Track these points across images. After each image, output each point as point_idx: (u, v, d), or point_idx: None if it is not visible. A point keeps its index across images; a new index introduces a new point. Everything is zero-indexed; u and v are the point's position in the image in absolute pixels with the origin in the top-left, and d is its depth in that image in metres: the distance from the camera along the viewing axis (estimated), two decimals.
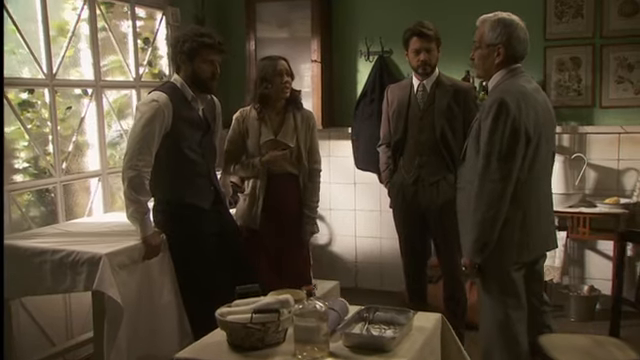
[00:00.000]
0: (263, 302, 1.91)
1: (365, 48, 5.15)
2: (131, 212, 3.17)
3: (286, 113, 3.63)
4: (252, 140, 3.60)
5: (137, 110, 3.23)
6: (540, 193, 2.82)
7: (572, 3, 4.61)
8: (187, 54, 3.25)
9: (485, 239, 2.70)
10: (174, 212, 3.32)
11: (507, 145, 2.64)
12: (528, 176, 2.71)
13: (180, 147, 3.28)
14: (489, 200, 2.67)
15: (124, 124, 4.49)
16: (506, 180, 2.65)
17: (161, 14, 4.79)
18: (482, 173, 2.69)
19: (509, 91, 2.71)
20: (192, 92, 3.31)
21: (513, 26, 2.78)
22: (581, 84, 4.66)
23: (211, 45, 3.26)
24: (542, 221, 2.84)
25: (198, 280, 3.32)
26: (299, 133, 3.61)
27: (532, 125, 2.67)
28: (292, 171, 3.63)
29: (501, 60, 2.78)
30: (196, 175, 3.36)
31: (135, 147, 3.15)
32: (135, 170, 3.13)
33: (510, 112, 2.63)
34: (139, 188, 3.15)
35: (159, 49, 4.83)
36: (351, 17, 5.21)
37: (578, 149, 4.66)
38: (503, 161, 2.64)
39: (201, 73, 3.27)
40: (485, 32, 2.80)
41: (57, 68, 3.91)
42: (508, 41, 2.76)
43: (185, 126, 3.28)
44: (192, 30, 3.28)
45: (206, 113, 3.44)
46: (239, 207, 3.72)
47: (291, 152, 3.59)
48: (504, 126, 2.63)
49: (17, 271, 3.16)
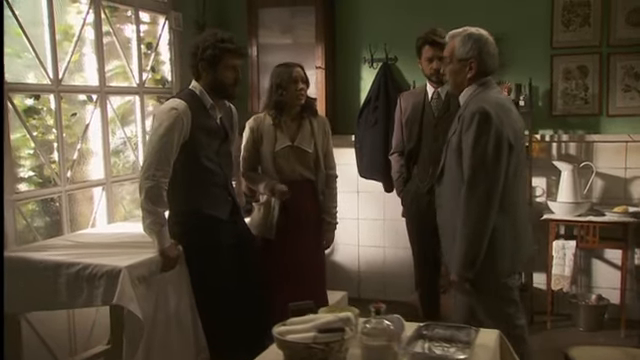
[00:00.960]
0: (324, 321, 1.82)
1: (369, 55, 5.10)
2: (148, 224, 3.06)
3: (302, 119, 3.59)
4: (267, 147, 3.53)
5: (155, 118, 3.12)
6: (521, 199, 2.90)
7: (579, 11, 4.61)
8: (208, 61, 3.15)
9: (475, 251, 2.68)
10: (191, 223, 3.22)
11: (492, 154, 2.64)
12: (512, 182, 2.72)
13: (198, 156, 3.18)
14: (478, 211, 2.65)
15: (127, 131, 4.36)
16: (493, 190, 2.65)
17: (164, 19, 4.68)
18: (469, 185, 2.67)
19: (488, 101, 2.72)
20: (211, 100, 3.21)
21: (483, 40, 2.80)
22: (588, 92, 4.66)
23: (233, 50, 3.17)
24: (525, 227, 2.89)
25: (215, 293, 3.22)
26: (316, 138, 3.57)
27: (512, 133, 2.69)
28: (309, 177, 3.58)
29: (473, 74, 2.80)
30: (214, 185, 3.26)
31: (153, 157, 3.04)
32: (153, 180, 3.03)
33: (492, 121, 2.64)
34: (157, 199, 3.04)
35: (161, 54, 4.71)
36: (354, 23, 5.16)
37: (585, 158, 4.65)
38: (490, 171, 2.64)
39: (224, 79, 3.18)
40: (456, 47, 2.82)
41: (63, 73, 3.78)
42: (479, 55, 2.78)
43: (203, 135, 3.18)
44: (212, 36, 3.19)
45: (224, 121, 3.34)
46: (254, 217, 3.63)
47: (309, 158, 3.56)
48: (487, 136, 2.64)
49: (30, 285, 3.03)
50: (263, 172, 3.57)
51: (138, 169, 4.39)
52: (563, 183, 4.50)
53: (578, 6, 4.61)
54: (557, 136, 4.75)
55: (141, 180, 3.06)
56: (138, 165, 4.43)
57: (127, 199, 4.44)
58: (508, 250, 2.74)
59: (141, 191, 3.05)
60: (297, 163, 3.55)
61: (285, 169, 3.54)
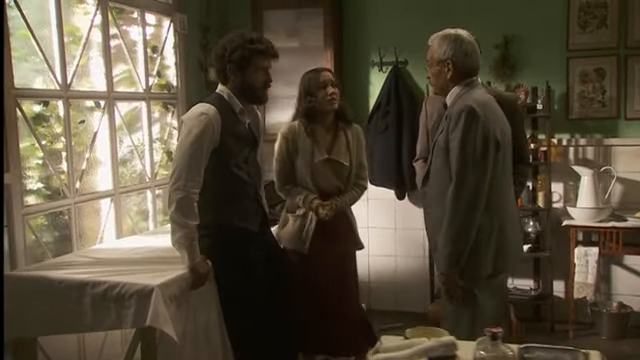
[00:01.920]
0: (428, 347, 1.65)
1: (378, 58, 4.95)
2: (178, 238, 2.85)
3: (337, 130, 3.43)
4: (304, 160, 3.36)
5: (184, 125, 2.92)
6: (509, 201, 2.81)
7: (596, 13, 4.53)
8: (237, 63, 2.96)
9: (461, 249, 2.65)
10: (221, 237, 3.02)
11: (480, 151, 2.61)
12: (499, 183, 2.69)
13: (228, 165, 2.99)
14: (465, 210, 2.62)
15: (134, 139, 4.14)
16: (480, 188, 2.62)
17: (169, 21, 4.47)
18: (456, 183, 2.64)
19: (474, 100, 2.69)
20: (240, 104, 3.02)
21: (458, 40, 2.76)
22: (605, 95, 4.58)
23: (264, 51, 2.99)
24: (514, 231, 2.81)
25: (245, 308, 3.03)
26: (352, 150, 3.41)
27: (499, 131, 2.67)
28: (341, 187, 3.43)
29: (452, 75, 2.76)
30: (244, 195, 3.07)
31: (183, 166, 2.84)
32: (184, 191, 2.83)
33: (479, 118, 2.62)
34: (188, 211, 2.84)
35: (167, 58, 4.50)
36: (363, 26, 5.01)
37: (603, 162, 4.57)
38: (478, 168, 2.61)
39: (253, 82, 3.00)
40: (434, 49, 2.81)
41: (71, 78, 3.55)
42: (455, 56, 2.74)
43: (233, 141, 2.99)
44: (240, 37, 2.99)
45: (252, 127, 3.16)
46: (287, 229, 3.44)
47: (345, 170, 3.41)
48: (475, 132, 2.62)
49: (50, 307, 2.80)
50: (299, 184, 3.40)
51: (145, 179, 4.18)
52: (583, 188, 4.40)
53: (595, 7, 4.53)
54: (574, 140, 4.66)
55: (171, 191, 2.85)
56: (145, 175, 4.22)
57: (134, 211, 4.20)
58: (492, 250, 2.69)
59: (171, 203, 2.85)
60: (334, 176, 3.40)
61: (321, 182, 3.38)
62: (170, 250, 3.22)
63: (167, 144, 4.48)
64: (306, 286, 3.32)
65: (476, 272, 2.71)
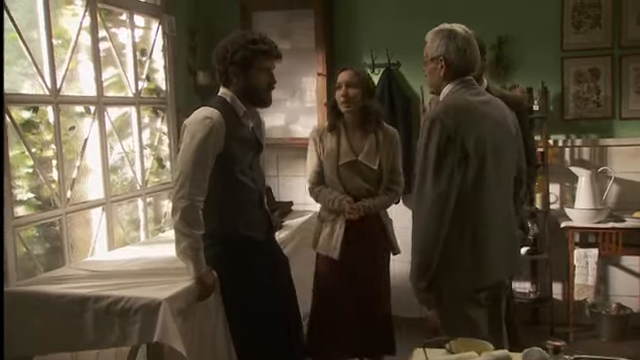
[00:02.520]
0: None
1: (370, 60, 4.86)
2: (183, 248, 2.72)
3: (367, 131, 3.35)
4: (329, 160, 3.33)
5: (187, 130, 2.79)
6: (493, 215, 2.61)
7: (590, 13, 4.51)
8: (240, 65, 2.84)
9: (427, 261, 2.51)
10: (227, 246, 2.89)
11: (439, 162, 2.46)
12: (473, 196, 2.52)
13: (232, 171, 2.87)
14: (427, 221, 2.48)
15: (125, 145, 3.98)
16: (444, 199, 2.46)
17: (157, 23, 4.32)
18: (417, 194, 2.52)
19: (447, 106, 2.55)
20: (244, 107, 2.91)
21: (451, 36, 2.61)
22: (600, 95, 4.56)
23: (267, 52, 2.88)
24: (499, 246, 2.63)
25: (252, 319, 2.91)
26: (381, 153, 3.33)
27: (472, 140, 2.49)
28: (372, 190, 3.36)
29: (444, 72, 2.61)
30: (249, 203, 2.95)
31: (188, 173, 2.71)
32: (189, 200, 2.70)
33: (444, 127, 2.46)
34: (193, 220, 2.72)
35: (155, 62, 4.35)
36: (354, 27, 4.92)
37: (599, 162, 4.54)
38: (437, 180, 2.46)
39: (257, 84, 2.88)
40: (429, 45, 2.67)
41: (61, 83, 3.39)
42: (447, 52, 2.59)
43: (237, 146, 2.87)
44: (242, 37, 2.88)
45: (255, 130, 3.04)
46: (318, 233, 3.44)
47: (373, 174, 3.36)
48: (437, 142, 2.46)
49: (49, 323, 2.65)
50: (329, 186, 3.37)
51: (136, 187, 4.03)
52: (581, 189, 4.36)
53: (589, 7, 4.50)
54: (570, 141, 4.62)
55: (175, 199, 2.72)
56: (137, 182, 4.07)
57: (125, 220, 4.04)
58: (466, 268, 2.55)
59: (175, 212, 2.72)
60: (361, 179, 3.33)
61: (348, 185, 3.33)
62: (170, 260, 3.12)
63: (157, 150, 4.34)
64: (334, 291, 3.35)
65: (455, 288, 2.58)
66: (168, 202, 4.43)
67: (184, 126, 2.85)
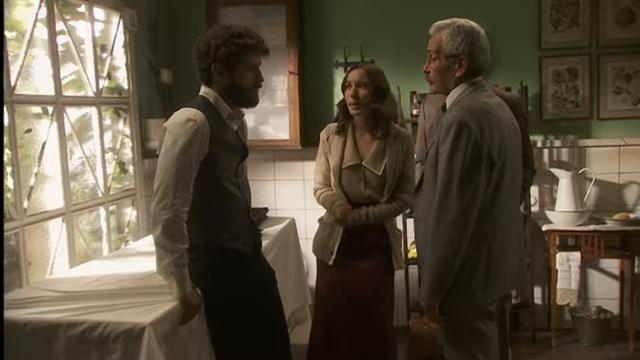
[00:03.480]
0: None
1: (343, 58, 4.64)
2: (166, 265, 2.45)
3: (376, 135, 3.12)
4: (333, 162, 3.13)
5: (168, 133, 2.51)
6: (506, 225, 2.48)
7: (567, 11, 4.42)
8: (224, 61, 2.58)
9: (443, 278, 2.38)
10: (211, 261, 2.63)
11: (468, 172, 2.31)
12: (491, 206, 2.38)
13: (217, 178, 2.61)
14: (449, 236, 2.32)
15: (86, 149, 3.64)
16: (468, 212, 2.31)
17: (118, 17, 3.99)
18: (440, 205, 2.35)
19: (470, 109, 2.38)
20: (228, 108, 2.65)
21: (475, 34, 2.46)
22: (578, 95, 4.48)
23: (254, 47, 2.62)
24: (510, 257, 2.50)
25: (238, 341, 2.66)
26: (389, 159, 3.09)
27: (496, 147, 2.35)
28: (375, 197, 3.11)
29: (463, 73, 2.46)
30: (236, 213, 2.69)
31: (170, 181, 2.44)
32: (172, 211, 2.43)
33: (472, 133, 2.31)
34: (177, 234, 2.45)
35: (116, 58, 4.02)
36: (326, 24, 4.70)
37: (578, 164, 4.46)
38: (464, 190, 2.30)
39: (243, 82, 2.62)
40: (443, 41, 2.46)
41: (15, 80, 3.05)
42: (470, 51, 2.43)
43: (222, 152, 2.61)
44: (227, 31, 2.60)
45: (239, 133, 2.79)
46: (316, 238, 3.26)
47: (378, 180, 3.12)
48: (465, 150, 2.30)
49: (12, 356, 2.31)
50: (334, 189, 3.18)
51: (98, 194, 3.71)
52: (562, 192, 4.26)
53: (566, 5, 4.42)
54: (549, 142, 4.52)
55: (156, 211, 2.44)
56: (98, 190, 3.73)
57: (87, 230, 3.71)
58: (478, 282, 2.41)
59: (156, 225, 2.44)
60: (364, 185, 3.10)
61: (349, 190, 3.12)
62: (144, 277, 2.84)
63: (119, 154, 4.00)
64: (325, 298, 3.18)
65: (470, 303, 2.44)
66: (132, 210, 4.12)
67: (164, 129, 2.56)
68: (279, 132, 4.61)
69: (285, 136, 4.59)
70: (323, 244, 3.19)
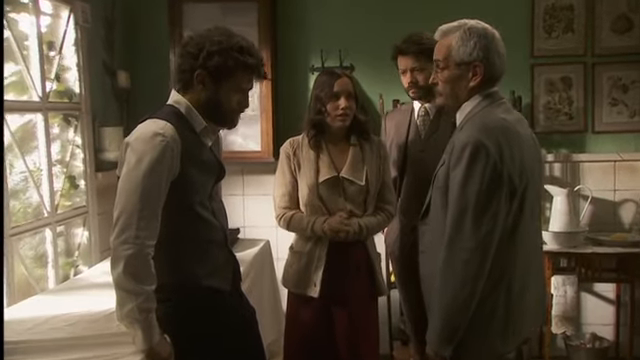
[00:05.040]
0: None
1: (319, 62, 4.24)
2: (129, 311, 2.00)
3: (350, 142, 2.80)
4: (306, 179, 2.75)
5: (131, 150, 2.06)
6: (527, 258, 2.16)
7: (562, 16, 4.12)
8: (213, 72, 2.15)
9: (455, 325, 2.04)
10: (184, 303, 2.19)
11: (485, 200, 1.98)
12: (511, 239, 2.05)
13: (190, 203, 2.19)
14: (462, 276, 2.00)
15: (30, 162, 3.16)
16: (485, 248, 1.98)
17: (68, 11, 3.51)
18: (451, 239, 2.02)
19: (486, 126, 2.06)
20: (203, 121, 2.22)
21: (489, 36, 2.16)
22: (572, 107, 4.17)
23: (252, 69, 2.20)
24: (531, 294, 2.18)
25: None
26: (369, 166, 2.78)
27: (517, 171, 2.04)
28: (357, 213, 2.78)
29: (478, 82, 2.13)
30: (211, 243, 2.27)
31: (133, 208, 2.00)
32: (135, 245, 1.99)
33: (489, 155, 1.99)
34: (143, 272, 2.01)
35: (66, 58, 3.53)
36: (302, 24, 4.30)
37: (571, 180, 4.15)
38: (480, 222, 1.98)
39: (226, 102, 2.21)
40: (453, 46, 2.14)
41: None
42: (486, 56, 2.12)
43: (196, 172, 2.18)
44: (227, 39, 2.14)
45: (215, 151, 2.36)
46: (290, 269, 2.86)
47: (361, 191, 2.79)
48: (481, 175, 1.98)
49: None
50: (306, 210, 2.80)
51: (44, 214, 3.22)
52: (556, 210, 3.94)
53: (560, 10, 4.11)
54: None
55: (115, 245, 2.00)
56: (44, 208, 3.24)
57: (29, 256, 3.21)
58: (497, 327, 2.09)
59: (117, 263, 1.99)
60: (345, 199, 2.76)
61: (331, 206, 2.75)
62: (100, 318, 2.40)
63: (69, 167, 3.52)
64: (306, 336, 2.80)
65: (486, 352, 2.11)
66: (83, 230, 3.63)
67: (125, 145, 2.11)
68: (249, 143, 4.19)
69: (256, 147, 4.18)
70: (301, 276, 2.81)
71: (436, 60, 2.20)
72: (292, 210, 2.81)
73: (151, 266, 2.03)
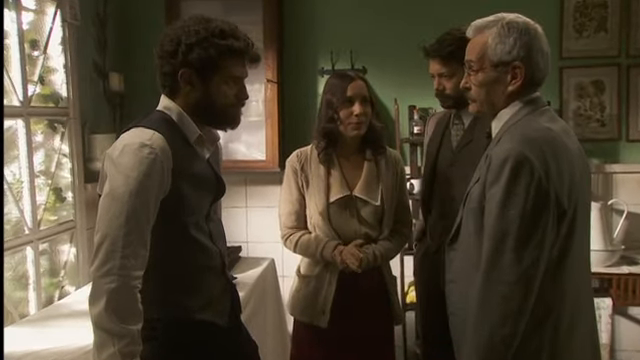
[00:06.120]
0: None
1: (329, 65, 3.93)
2: (108, 356, 1.66)
3: (364, 157, 2.52)
4: (315, 197, 2.45)
5: (112, 164, 1.74)
6: (577, 290, 1.85)
7: (594, 15, 3.79)
8: (198, 68, 1.83)
9: None
10: (174, 340, 1.86)
11: (529, 225, 1.70)
12: (559, 268, 1.76)
13: (183, 225, 1.86)
14: (502, 313, 1.71)
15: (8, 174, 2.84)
16: (528, 281, 1.70)
17: (54, 7, 3.21)
18: (488, 270, 1.74)
19: (529, 137, 1.77)
20: (198, 129, 1.89)
21: (531, 33, 1.89)
22: (605, 113, 3.84)
23: (241, 52, 1.87)
24: (581, 332, 1.88)
25: None
26: (384, 184, 2.50)
27: (566, 190, 1.75)
28: (372, 235, 2.49)
29: (519, 85, 1.84)
30: (207, 271, 1.94)
31: (117, 234, 1.67)
32: (120, 277, 1.66)
33: (534, 172, 1.71)
34: (128, 309, 1.69)
35: (52, 59, 3.23)
36: (311, 24, 4.00)
37: (603, 193, 3.82)
38: (523, 250, 1.70)
39: (220, 98, 1.88)
40: (489, 44, 1.86)
41: None
42: (528, 56, 1.84)
43: (189, 188, 1.86)
44: (205, 26, 1.83)
45: (213, 163, 2.03)
46: (296, 295, 2.54)
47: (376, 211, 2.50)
48: (525, 195, 1.70)
49: None
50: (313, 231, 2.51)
51: (24, 230, 2.91)
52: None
53: (592, 8, 3.79)
54: None
55: (96, 278, 1.68)
56: (25, 224, 2.93)
57: (8, 278, 2.89)
58: None
59: (97, 298, 1.67)
60: (358, 220, 2.47)
61: (342, 230, 2.46)
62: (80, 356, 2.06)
63: (55, 178, 3.21)
64: None
65: None
66: (69, 247, 3.31)
67: (105, 158, 1.79)
68: (253, 151, 3.89)
69: (260, 156, 3.88)
70: (309, 303, 2.50)
71: (468, 61, 1.91)
72: (299, 230, 2.51)
73: (138, 301, 1.71)
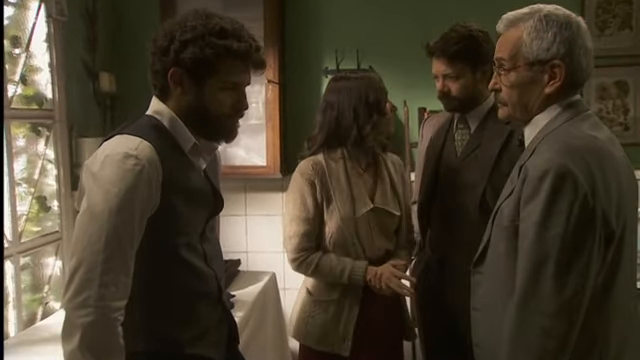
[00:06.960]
0: None
1: (334, 64, 3.71)
2: None
3: (369, 162, 2.33)
4: (340, 211, 2.21)
5: (91, 177, 1.52)
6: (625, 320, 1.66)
7: (617, 11, 3.59)
8: (190, 69, 1.60)
9: None
10: None
11: (573, 247, 1.51)
12: (605, 295, 1.57)
13: (173, 246, 1.64)
14: (540, 348, 1.53)
15: None
16: (570, 313, 1.52)
17: (38, 1, 2.98)
18: (525, 299, 1.56)
19: (572, 148, 1.55)
20: (192, 136, 1.66)
21: (573, 27, 1.67)
22: (628, 116, 3.64)
23: (243, 55, 1.63)
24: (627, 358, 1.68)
25: None
26: (399, 192, 2.35)
27: (614, 208, 1.54)
28: (389, 248, 2.35)
29: (558, 87, 1.63)
30: (200, 298, 1.73)
31: (96, 259, 1.46)
32: (97, 309, 1.45)
33: (578, 188, 1.50)
34: (107, 347, 1.49)
35: (35, 57, 3.00)
36: (313, 21, 3.78)
37: None
38: (566, 276, 1.51)
39: (214, 106, 1.65)
40: (524, 39, 1.65)
41: None
42: (570, 53, 1.62)
43: (182, 204, 1.63)
44: (203, 22, 1.61)
45: (209, 175, 1.80)
46: (311, 322, 2.28)
47: None
48: (568, 213, 1.51)
49: None
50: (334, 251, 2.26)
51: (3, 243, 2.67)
52: None
53: (616, 4, 3.58)
54: None
55: (70, 310, 1.46)
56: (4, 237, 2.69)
57: None
58: None
59: (71, 333, 1.46)
60: (379, 233, 2.29)
61: (365, 244, 2.27)
62: None
63: (38, 186, 2.98)
64: None
65: None
66: (55, 260, 3.08)
67: (84, 169, 1.56)
68: (253, 156, 3.66)
69: (260, 161, 3.64)
70: (328, 330, 2.26)
71: (499, 59, 1.70)
72: (315, 252, 2.25)
73: (118, 336, 1.49)
